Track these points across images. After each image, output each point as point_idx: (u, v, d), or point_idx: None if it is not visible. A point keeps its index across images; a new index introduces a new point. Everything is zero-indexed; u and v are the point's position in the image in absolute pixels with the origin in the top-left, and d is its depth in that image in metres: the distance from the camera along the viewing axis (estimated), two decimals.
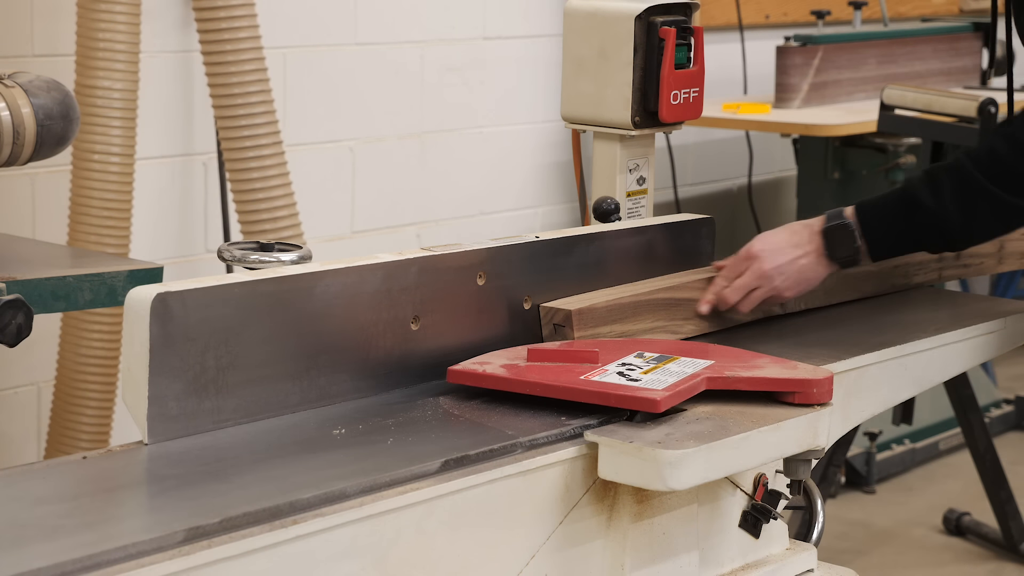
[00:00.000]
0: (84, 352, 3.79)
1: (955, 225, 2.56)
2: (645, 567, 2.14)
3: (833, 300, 2.79)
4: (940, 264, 2.95)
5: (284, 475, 1.88)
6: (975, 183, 2.53)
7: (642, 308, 2.49)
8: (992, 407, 5.81)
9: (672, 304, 2.54)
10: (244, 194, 3.99)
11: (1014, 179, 2.52)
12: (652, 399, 2.07)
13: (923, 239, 2.62)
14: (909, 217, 2.58)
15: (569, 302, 2.43)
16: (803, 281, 2.63)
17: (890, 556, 4.76)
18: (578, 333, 2.38)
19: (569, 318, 2.38)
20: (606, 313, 2.43)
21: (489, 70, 5.13)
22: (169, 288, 1.97)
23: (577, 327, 2.38)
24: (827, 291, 2.76)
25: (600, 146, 2.81)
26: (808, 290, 2.65)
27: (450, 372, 2.18)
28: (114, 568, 1.60)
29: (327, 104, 4.66)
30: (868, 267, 2.80)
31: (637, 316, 2.48)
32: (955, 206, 2.54)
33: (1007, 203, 2.53)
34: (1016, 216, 2.56)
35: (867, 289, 2.86)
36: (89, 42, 3.75)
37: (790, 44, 5.41)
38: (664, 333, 2.52)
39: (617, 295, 2.48)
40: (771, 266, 2.59)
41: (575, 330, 2.38)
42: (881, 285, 2.89)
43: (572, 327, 2.38)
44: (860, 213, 2.60)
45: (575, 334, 2.38)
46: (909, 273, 2.92)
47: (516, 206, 5.29)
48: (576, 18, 2.78)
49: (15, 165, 2.76)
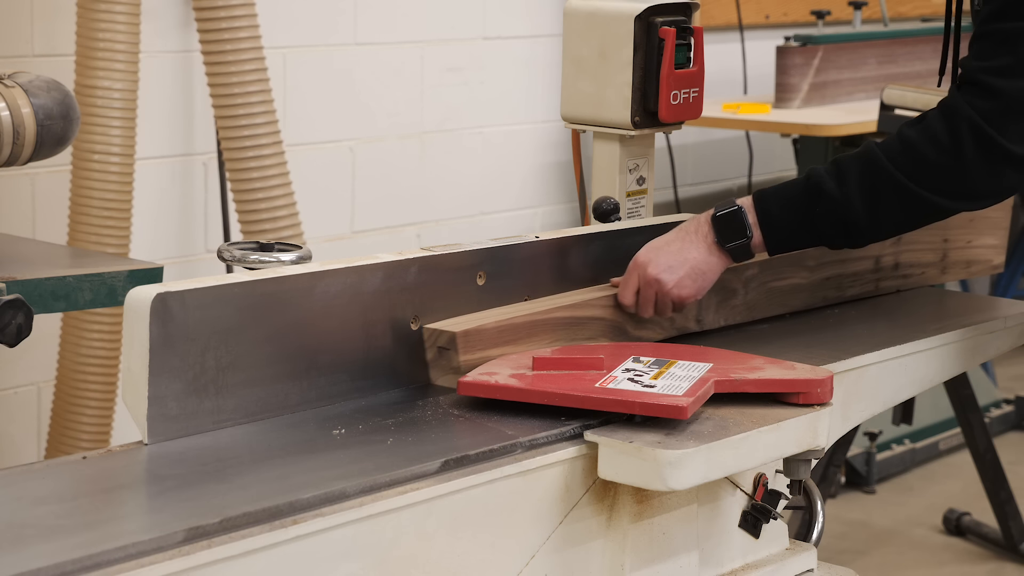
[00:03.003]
0: (84, 352, 3.79)
1: (858, 214, 2.38)
2: (645, 567, 2.14)
3: (755, 316, 2.65)
4: (877, 275, 2.85)
5: (284, 475, 1.88)
6: (883, 171, 2.37)
7: (538, 328, 2.33)
8: (992, 407, 5.81)
9: (572, 323, 2.38)
10: (244, 194, 3.99)
11: (924, 168, 2.35)
12: (679, 406, 2.05)
13: (824, 230, 2.43)
14: (810, 205, 2.41)
15: (455, 323, 2.27)
16: (698, 277, 2.43)
17: (890, 556, 4.76)
18: (464, 357, 2.22)
19: (454, 340, 2.22)
20: (496, 334, 2.27)
21: (489, 70, 5.13)
22: (169, 288, 1.97)
23: (463, 350, 2.22)
24: (749, 306, 2.63)
25: (600, 146, 2.81)
26: (709, 286, 2.46)
27: (461, 384, 2.16)
28: (114, 568, 1.60)
29: (327, 104, 4.66)
30: (797, 280, 2.68)
31: (533, 337, 2.32)
32: (860, 194, 2.38)
33: (914, 193, 2.36)
34: (923, 208, 2.39)
35: (795, 304, 2.72)
36: (89, 42, 3.75)
37: (790, 44, 5.41)
38: None
39: (509, 314, 2.31)
40: (657, 270, 2.42)
41: (460, 353, 2.22)
42: (812, 299, 2.75)
43: (457, 350, 2.22)
44: (758, 200, 2.44)
45: (460, 358, 2.22)
46: (843, 285, 2.79)
47: (516, 206, 5.29)
48: (576, 18, 2.78)
49: (15, 165, 2.76)
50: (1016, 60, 2.32)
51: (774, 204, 2.43)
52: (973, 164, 2.33)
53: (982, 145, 2.32)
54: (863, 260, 2.81)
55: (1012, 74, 2.31)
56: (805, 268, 2.70)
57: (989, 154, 2.32)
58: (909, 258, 2.91)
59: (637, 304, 2.44)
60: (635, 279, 2.44)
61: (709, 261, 2.44)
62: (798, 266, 2.70)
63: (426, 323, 2.26)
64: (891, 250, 2.86)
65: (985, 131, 2.31)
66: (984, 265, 3.07)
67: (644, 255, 2.44)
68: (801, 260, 2.70)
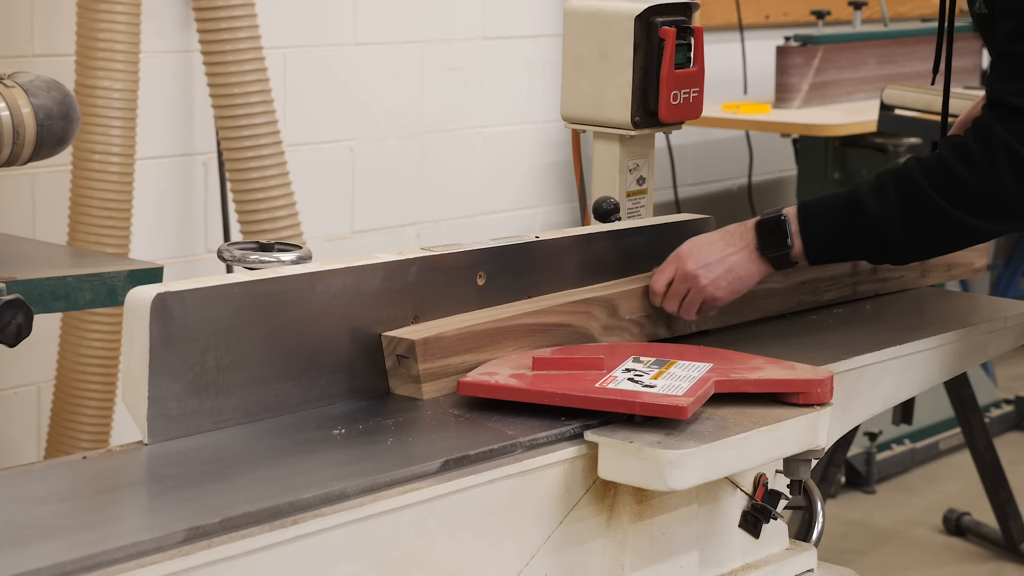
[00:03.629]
0: (84, 352, 3.79)
1: (896, 234, 2.41)
2: (645, 567, 2.14)
3: (729, 321, 2.61)
4: (855, 279, 2.81)
5: (284, 475, 1.88)
6: (921, 193, 2.39)
7: (502, 335, 2.28)
8: (992, 407, 5.81)
9: (537, 330, 2.33)
10: (244, 194, 3.99)
11: (961, 190, 2.37)
12: (679, 406, 2.05)
13: (863, 246, 2.46)
14: (851, 220, 2.43)
15: (414, 330, 2.21)
16: (734, 280, 2.47)
17: (890, 556, 4.76)
18: (423, 365, 2.17)
19: (413, 348, 2.16)
20: (457, 342, 2.22)
21: (489, 70, 5.13)
22: (169, 288, 1.97)
23: (422, 358, 2.17)
24: (722, 311, 2.59)
25: (600, 146, 2.81)
26: (743, 291, 2.49)
27: (461, 384, 2.16)
28: (114, 568, 1.60)
29: (327, 104, 4.66)
30: (772, 285, 2.65)
31: (496, 344, 2.27)
32: (898, 214, 2.40)
33: (952, 217, 2.38)
34: (961, 232, 2.41)
35: (770, 308, 2.68)
36: (89, 42, 3.75)
37: (790, 44, 5.41)
38: None
39: (471, 322, 2.26)
40: (696, 265, 2.45)
41: (420, 362, 2.17)
42: (787, 303, 2.71)
43: (417, 358, 2.17)
44: (802, 211, 2.46)
45: (420, 366, 2.17)
46: (819, 290, 2.76)
47: (516, 206, 5.29)
48: (576, 18, 2.77)
49: (15, 165, 2.76)
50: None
51: (815, 216, 2.45)
52: (1010, 185, 2.35)
53: (1016, 166, 2.34)
54: (840, 264, 2.75)
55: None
56: (780, 272, 2.62)
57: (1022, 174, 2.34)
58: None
59: (665, 295, 2.47)
60: (672, 270, 2.47)
61: (748, 267, 2.47)
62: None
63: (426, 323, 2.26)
64: None
65: (1018, 152, 2.33)
66: (965, 268, 3.03)
67: (686, 248, 2.48)
68: None
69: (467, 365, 2.22)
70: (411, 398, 2.18)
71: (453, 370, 2.20)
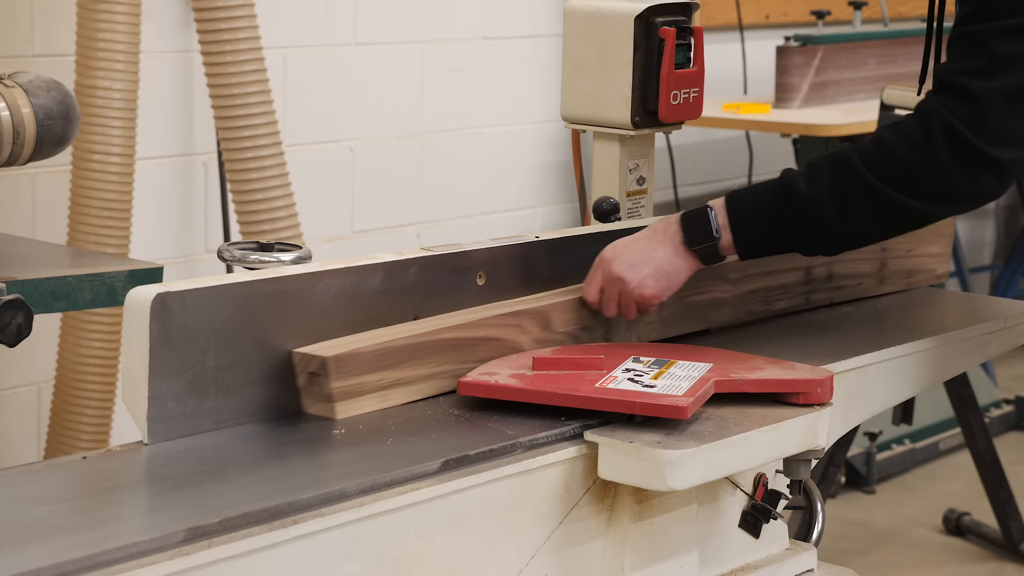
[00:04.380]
0: (84, 352, 3.79)
1: (829, 216, 2.30)
2: (645, 567, 2.14)
3: (671, 332, 2.51)
4: (808, 287, 2.73)
5: (284, 475, 1.88)
6: (854, 173, 2.29)
7: (423, 351, 2.17)
8: (992, 407, 5.81)
9: (462, 345, 2.22)
10: (243, 194, 3.99)
11: (896, 169, 2.27)
12: (679, 406, 2.05)
13: (795, 232, 2.34)
14: (781, 206, 2.32)
15: (327, 346, 2.10)
16: (662, 277, 2.36)
17: (890, 556, 4.76)
18: (336, 383, 2.06)
19: (325, 366, 2.06)
20: (374, 358, 2.11)
21: (489, 70, 5.13)
22: (169, 288, 1.97)
23: (335, 376, 2.06)
24: (664, 322, 2.50)
25: (600, 146, 2.81)
26: (675, 287, 2.38)
27: (461, 384, 2.16)
28: (114, 568, 1.60)
29: (327, 104, 4.66)
30: (718, 294, 2.57)
31: (417, 360, 2.16)
32: (831, 195, 2.29)
33: (886, 197, 2.28)
34: (895, 213, 2.30)
35: (717, 319, 2.59)
36: (89, 42, 3.75)
37: (790, 44, 5.41)
38: (454, 378, 2.19)
39: (389, 337, 2.15)
40: (621, 267, 2.35)
41: (332, 379, 2.06)
42: (735, 313, 2.61)
43: (329, 376, 2.06)
44: (730, 200, 2.36)
45: (332, 384, 2.06)
46: (770, 299, 2.67)
47: (516, 206, 5.29)
48: (576, 18, 2.77)
49: (15, 165, 2.76)
50: (989, 61, 2.26)
51: (745, 205, 2.36)
52: (946, 165, 2.26)
53: (956, 146, 2.25)
54: (792, 272, 2.68)
55: (986, 75, 2.26)
56: (727, 281, 2.58)
57: (963, 155, 2.26)
58: (843, 269, 2.77)
59: (601, 303, 2.38)
60: (599, 276, 2.38)
61: (675, 262, 2.36)
62: (719, 279, 2.57)
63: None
64: (823, 261, 2.73)
65: (959, 132, 2.25)
66: (927, 275, 2.94)
67: (609, 251, 2.39)
68: (723, 273, 2.56)
69: (385, 383, 2.12)
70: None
71: (370, 388, 2.10)
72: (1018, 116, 2.26)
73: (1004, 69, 2.26)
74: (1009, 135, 2.26)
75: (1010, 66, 2.26)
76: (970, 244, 7.26)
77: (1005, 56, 2.26)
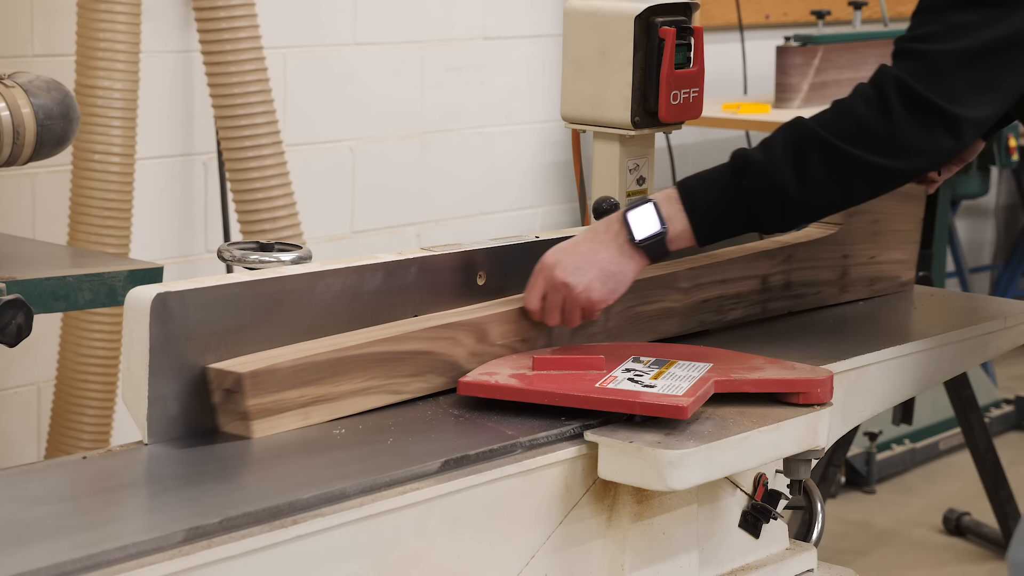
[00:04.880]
0: (84, 352, 3.79)
1: (786, 179, 2.23)
2: (645, 567, 2.14)
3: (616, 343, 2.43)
4: (764, 296, 2.67)
5: (284, 475, 1.88)
6: (808, 131, 2.25)
7: (348, 366, 2.07)
8: (992, 407, 5.81)
9: (390, 359, 2.13)
10: (244, 194, 3.99)
11: (849, 124, 2.24)
12: (679, 406, 2.05)
13: (754, 204, 2.26)
14: (738, 177, 2.27)
15: (244, 361, 2.00)
16: (609, 279, 2.27)
17: (890, 556, 4.76)
18: (252, 401, 1.97)
19: (240, 382, 1.97)
20: (293, 374, 2.01)
21: (489, 70, 5.13)
22: (169, 288, 1.97)
23: (251, 393, 1.97)
24: (610, 334, 2.42)
25: (600, 146, 2.81)
26: (622, 289, 2.30)
27: (461, 384, 2.16)
28: (114, 568, 1.60)
29: (327, 104, 4.66)
30: (668, 304, 2.50)
31: (341, 375, 2.07)
32: (785, 157, 2.24)
33: (841, 152, 2.23)
34: (852, 170, 2.24)
35: (666, 330, 2.51)
36: (89, 42, 3.75)
37: (790, 44, 5.41)
38: (382, 394, 2.12)
39: (311, 351, 2.05)
40: (564, 272, 2.26)
41: (248, 397, 1.97)
42: (687, 323, 2.54)
43: (244, 393, 1.97)
44: (682, 187, 2.30)
45: (248, 402, 1.97)
46: (724, 308, 2.60)
47: (516, 206, 5.29)
48: (576, 18, 2.77)
49: (15, 165, 2.76)
50: (943, 27, 2.27)
51: (698, 186, 2.30)
52: (899, 117, 2.23)
53: (908, 99, 2.23)
54: (747, 280, 2.63)
55: (938, 39, 2.27)
56: (678, 290, 2.52)
57: (915, 108, 2.23)
58: (802, 276, 2.72)
59: (543, 310, 2.29)
60: (541, 282, 2.29)
61: (621, 262, 2.28)
62: (669, 288, 2.51)
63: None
64: (781, 268, 2.68)
65: (910, 85, 2.23)
66: (891, 282, 2.88)
67: (551, 256, 2.30)
68: (673, 282, 2.52)
69: (306, 400, 2.03)
70: (411, 398, 2.17)
71: (290, 405, 2.01)
72: (970, 77, 2.26)
73: (957, 35, 2.26)
74: (961, 93, 2.25)
75: (964, 33, 2.26)
76: (970, 244, 7.26)
77: (959, 24, 2.27)
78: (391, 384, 2.13)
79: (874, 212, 2.80)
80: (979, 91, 2.27)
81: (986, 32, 2.26)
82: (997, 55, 2.27)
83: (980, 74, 2.26)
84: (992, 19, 2.27)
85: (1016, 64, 2.28)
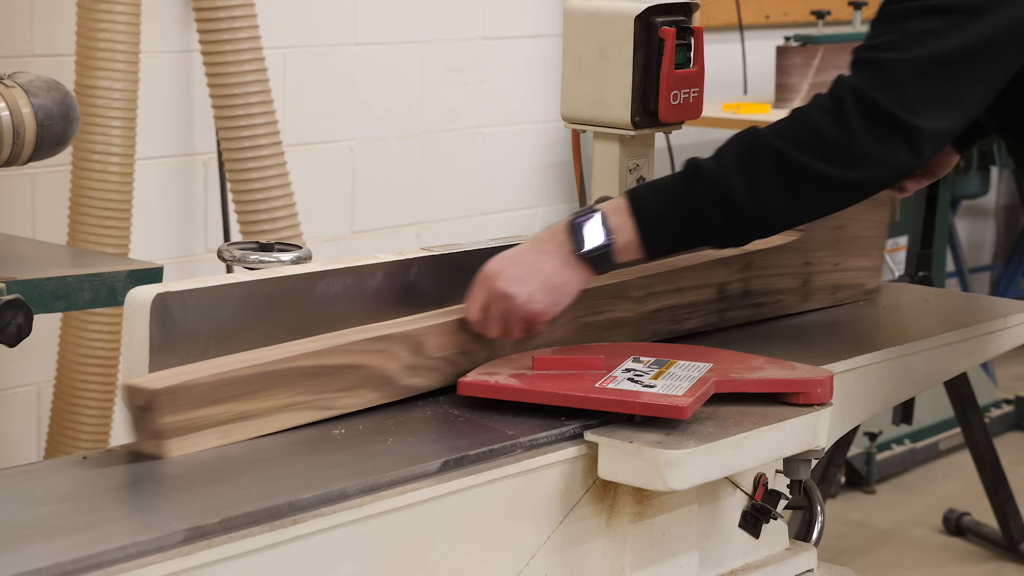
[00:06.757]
0: (84, 352, 3.79)
1: (737, 188, 2.16)
2: (645, 567, 2.14)
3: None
4: (721, 305, 2.59)
5: (284, 475, 1.88)
6: (760, 140, 2.19)
7: (273, 381, 1.98)
8: (992, 407, 5.81)
9: (320, 373, 2.04)
10: (243, 194, 3.99)
11: (804, 134, 2.17)
12: (679, 406, 2.05)
13: (704, 214, 2.19)
14: (688, 185, 2.20)
15: (159, 377, 1.91)
16: (551, 291, 2.20)
17: (890, 556, 4.76)
18: (167, 419, 1.88)
19: (154, 399, 1.88)
20: (212, 390, 1.92)
21: (489, 70, 5.13)
22: (169, 288, 1.96)
23: (166, 411, 1.88)
24: (556, 344, 2.34)
25: (600, 146, 2.81)
26: (566, 301, 2.22)
27: (461, 384, 2.16)
28: (114, 568, 1.60)
29: (327, 104, 4.66)
30: (619, 314, 2.42)
31: (265, 391, 1.97)
32: (737, 165, 2.17)
33: (793, 161, 2.16)
34: (805, 180, 2.17)
35: (617, 340, 2.42)
36: (89, 42, 3.75)
37: (790, 44, 5.41)
38: (309, 410, 2.03)
39: (233, 365, 1.96)
40: (506, 283, 2.19)
41: (164, 415, 1.88)
42: (639, 334, 2.46)
43: (158, 411, 1.88)
44: (632, 195, 2.23)
45: (162, 420, 1.88)
46: (678, 318, 2.52)
47: (516, 206, 5.29)
48: (576, 18, 2.77)
49: (15, 165, 2.76)
50: (900, 36, 2.21)
51: (648, 196, 2.23)
52: (855, 126, 2.16)
53: (864, 109, 2.17)
54: (703, 289, 2.55)
55: (895, 48, 2.20)
56: (629, 300, 2.44)
57: (872, 117, 2.17)
58: (761, 284, 2.65)
59: (484, 322, 2.22)
60: (483, 292, 2.21)
61: (564, 273, 2.20)
62: (620, 298, 2.43)
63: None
64: (739, 276, 2.61)
65: (867, 95, 2.17)
66: (855, 290, 2.81)
67: (493, 266, 2.22)
68: (624, 291, 2.44)
69: (227, 417, 1.94)
70: (411, 398, 2.17)
71: (208, 423, 1.93)
72: (928, 88, 2.19)
73: (914, 43, 2.20)
74: (920, 104, 2.18)
75: (921, 42, 2.20)
76: (970, 244, 7.26)
77: (916, 32, 2.21)
78: (319, 400, 2.04)
79: (837, 218, 2.71)
80: (939, 102, 2.19)
81: (946, 40, 2.19)
82: (957, 64, 2.20)
83: (939, 84, 2.19)
84: (951, 27, 2.20)
85: (977, 74, 2.22)
